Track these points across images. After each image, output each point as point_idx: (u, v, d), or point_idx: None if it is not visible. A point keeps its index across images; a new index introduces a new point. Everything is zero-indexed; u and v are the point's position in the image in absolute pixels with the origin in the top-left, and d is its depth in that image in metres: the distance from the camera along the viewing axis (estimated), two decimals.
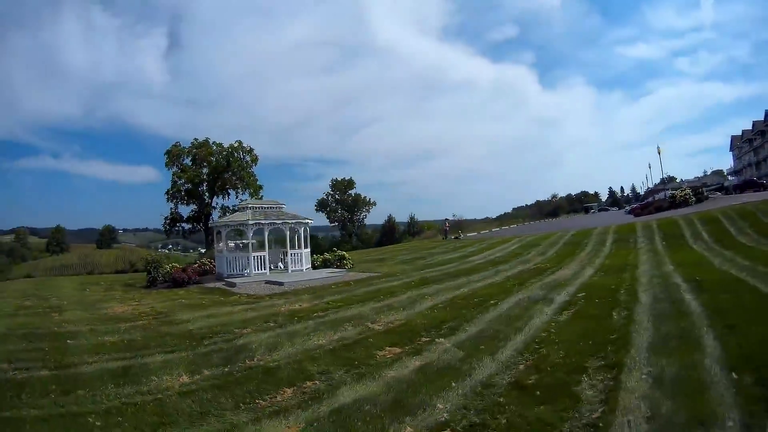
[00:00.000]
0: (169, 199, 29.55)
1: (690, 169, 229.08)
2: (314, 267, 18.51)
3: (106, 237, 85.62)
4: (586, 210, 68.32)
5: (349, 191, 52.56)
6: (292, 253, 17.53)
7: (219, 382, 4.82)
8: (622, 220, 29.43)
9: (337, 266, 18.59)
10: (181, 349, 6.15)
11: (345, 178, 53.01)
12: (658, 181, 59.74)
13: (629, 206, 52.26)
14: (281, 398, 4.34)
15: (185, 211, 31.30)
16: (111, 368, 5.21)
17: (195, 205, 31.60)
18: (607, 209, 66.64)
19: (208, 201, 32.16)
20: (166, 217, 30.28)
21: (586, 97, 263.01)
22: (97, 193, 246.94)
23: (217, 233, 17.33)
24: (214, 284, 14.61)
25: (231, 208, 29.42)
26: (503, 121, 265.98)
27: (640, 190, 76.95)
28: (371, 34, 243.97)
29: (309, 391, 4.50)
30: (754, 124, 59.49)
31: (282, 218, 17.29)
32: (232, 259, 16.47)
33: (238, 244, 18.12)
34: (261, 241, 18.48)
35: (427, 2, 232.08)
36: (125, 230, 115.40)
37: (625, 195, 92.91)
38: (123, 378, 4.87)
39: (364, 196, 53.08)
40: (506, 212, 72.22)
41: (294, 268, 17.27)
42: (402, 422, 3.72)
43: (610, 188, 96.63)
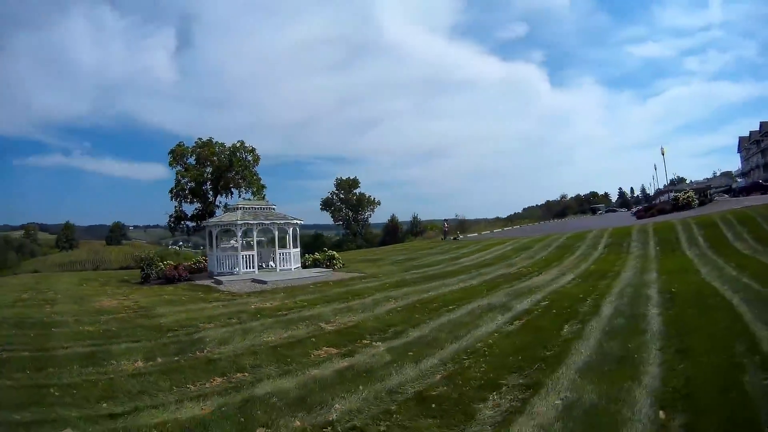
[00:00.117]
0: (173, 198, 31.10)
1: (700, 170, 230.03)
2: (305, 266, 19.69)
3: (115, 233, 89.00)
4: (594, 211, 68.66)
5: (354, 190, 53.86)
6: (281, 253, 18.75)
7: (165, 369, 5.98)
8: (624, 223, 29.63)
9: (326, 266, 19.71)
10: (146, 339, 7.37)
11: (350, 178, 54.41)
12: (668, 182, 60.21)
13: (636, 208, 52.60)
14: (209, 385, 5.44)
15: (190, 209, 32.77)
16: (81, 352, 6.45)
17: (199, 204, 33.04)
18: (615, 210, 66.68)
19: (212, 200, 33.57)
20: (170, 215, 31.87)
21: (596, 97, 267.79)
22: (108, 190, 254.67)
23: (209, 232, 18.63)
24: (204, 282, 15.88)
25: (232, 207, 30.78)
26: (513, 119, 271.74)
27: (650, 191, 76.89)
28: (379, 32, 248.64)
29: (235, 382, 5.56)
30: (761, 124, 58.91)
31: (270, 218, 18.49)
32: (223, 257, 17.75)
33: (234, 244, 19.38)
34: (261, 241, 19.77)
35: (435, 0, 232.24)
36: (136, 227, 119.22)
37: (635, 196, 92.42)
38: (88, 360, 6.10)
39: (369, 196, 54.40)
40: (516, 212, 74.11)
41: (282, 268, 18.47)
42: (295, 416, 4.37)
43: (620, 189, 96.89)
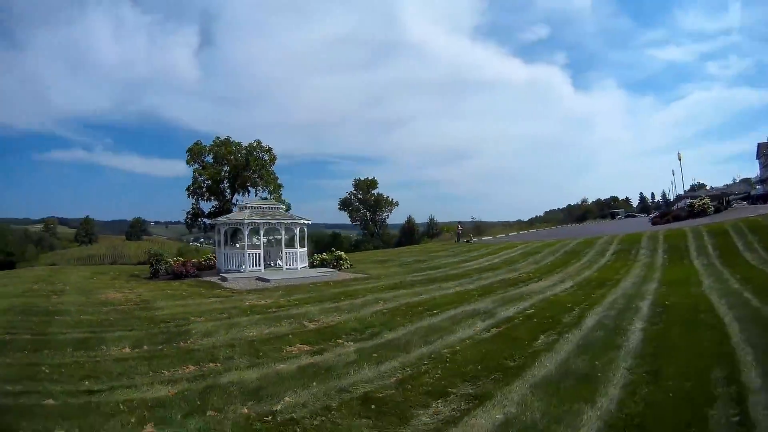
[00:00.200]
0: (190, 195, 32.52)
1: (721, 176, 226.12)
2: (313, 266, 20.50)
3: (136, 229, 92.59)
4: (613, 216, 69.13)
5: (372, 191, 54.90)
6: (287, 252, 19.61)
7: (148, 355, 6.77)
8: (638, 228, 29.64)
9: (333, 266, 20.47)
10: (139, 329, 8.22)
11: (368, 178, 55.61)
12: (689, 188, 59.41)
13: (653, 214, 52.72)
14: (181, 372, 6.17)
15: (207, 206, 34.18)
16: (77, 338, 7.34)
17: (216, 202, 34.41)
18: (635, 216, 67.00)
19: (229, 198, 34.89)
20: (188, 212, 33.36)
21: (619, 100, 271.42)
22: (129, 186, 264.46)
23: (217, 231, 19.64)
24: (210, 278, 16.86)
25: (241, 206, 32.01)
26: (536, 121, 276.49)
27: (670, 197, 76.25)
28: (403, 32, 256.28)
29: (205, 370, 6.24)
30: None
31: (278, 218, 19.36)
32: (231, 255, 18.71)
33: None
34: (271, 240, 20.69)
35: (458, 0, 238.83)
36: (157, 223, 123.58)
37: (656, 201, 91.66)
38: (81, 345, 6.97)
39: (387, 196, 55.44)
40: (538, 215, 75.39)
41: (289, 267, 19.31)
42: (245, 404, 4.86)
43: (641, 194, 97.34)
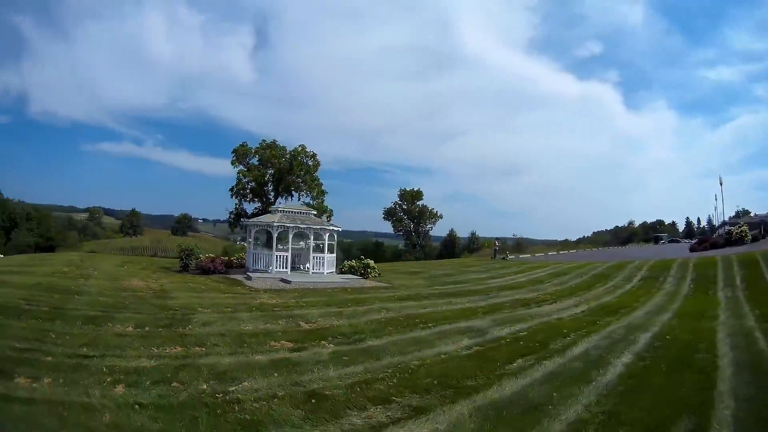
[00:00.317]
0: (234, 196, 34.88)
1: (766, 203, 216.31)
2: (341, 272, 21.39)
3: (182, 224, 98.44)
4: (656, 240, 69.51)
5: (417, 202, 56.21)
6: (315, 257, 20.61)
7: (146, 335, 7.82)
8: (676, 255, 29.37)
9: (360, 274, 21.21)
10: (147, 313, 9.37)
11: (413, 189, 57.10)
12: (733, 213, 58.71)
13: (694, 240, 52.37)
14: (168, 351, 7.13)
15: (250, 208, 36.37)
16: (89, 315, 8.58)
17: (259, 203, 36.50)
18: (678, 241, 66.50)
19: (272, 200, 36.89)
20: (231, 212, 35.72)
21: (668, 121, 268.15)
22: (178, 182, 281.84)
23: (248, 232, 21.04)
24: (236, 276, 18.13)
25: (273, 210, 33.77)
26: (588, 140, 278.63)
27: (715, 222, 74.07)
28: (458, 43, 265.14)
29: (189, 353, 7.18)
30: None
31: (306, 223, 20.43)
32: (259, 256, 19.99)
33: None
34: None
35: (512, 12, 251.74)
36: (205, 220, 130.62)
37: (701, 226, 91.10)
38: (91, 320, 8.18)
39: (431, 209, 56.77)
40: (586, 236, 75.40)
41: (315, 271, 20.29)
42: (207, 382, 5.75)
43: (687, 218, 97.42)
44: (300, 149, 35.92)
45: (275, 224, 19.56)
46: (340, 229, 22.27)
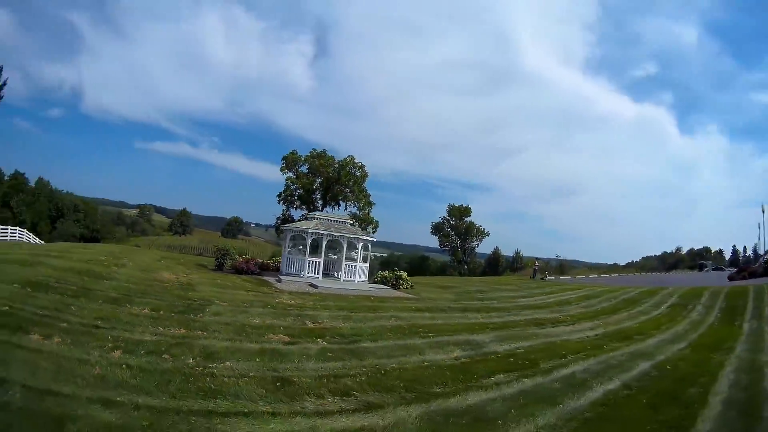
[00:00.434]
0: (281, 201, 36.85)
1: None
2: (374, 282, 22.17)
3: (232, 227, 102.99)
4: (701, 267, 69.68)
5: (465, 218, 57.00)
6: (347, 265, 21.54)
7: (157, 317, 9.00)
8: (715, 283, 29.39)
9: (391, 285, 21.84)
10: (166, 300, 10.61)
11: (462, 205, 58.26)
12: None
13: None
14: (172, 331, 8.23)
15: (297, 214, 38.20)
16: (111, 296, 9.93)
17: (306, 210, 38.23)
18: (722, 269, 65.62)
19: (320, 209, 38.52)
20: (278, 217, 37.69)
21: (720, 145, 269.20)
22: (233, 185, 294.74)
23: (284, 236, 22.38)
24: (268, 278, 19.37)
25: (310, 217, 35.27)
26: (641, 162, 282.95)
27: (761, 251, 73.53)
28: (516, 59, 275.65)
29: (191, 335, 8.25)
30: None
31: (341, 231, 21.42)
32: (293, 260, 21.23)
33: (308, 250, 22.65)
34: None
35: (570, 30, 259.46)
36: (258, 224, 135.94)
37: (746, 255, 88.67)
38: (112, 301, 9.52)
39: (479, 225, 57.69)
40: (635, 260, 76.14)
41: (346, 279, 21.19)
42: (195, 358, 6.84)
43: (733, 246, 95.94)
44: (348, 160, 37.32)
45: (310, 230, 20.71)
46: (374, 239, 23.10)
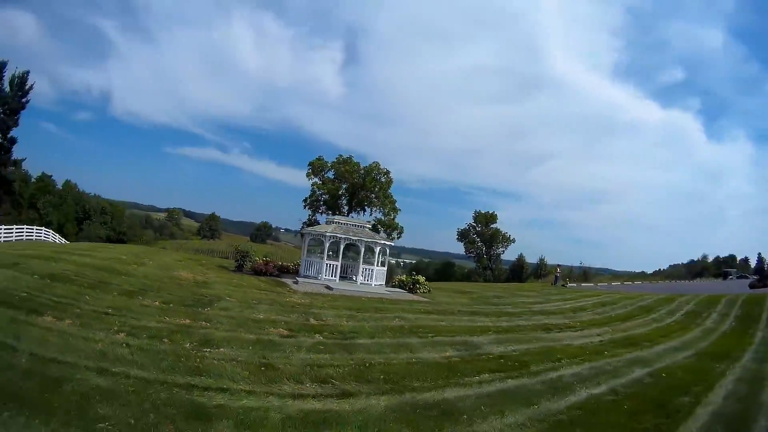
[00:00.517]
0: (307, 207, 37.92)
1: None
2: (392, 286, 22.72)
3: (261, 232, 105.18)
4: (725, 275, 69.50)
5: (491, 225, 57.29)
6: (364, 268, 22.17)
7: (166, 309, 9.86)
8: (736, 291, 29.29)
9: (408, 289, 22.33)
10: (177, 295, 11.52)
11: (488, 212, 58.58)
12: None
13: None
14: (177, 321, 9.07)
15: (322, 220, 39.20)
16: (126, 290, 10.88)
17: (332, 216, 39.26)
18: (747, 277, 64.89)
19: (346, 214, 39.43)
20: (304, 222, 38.76)
21: (746, 151, 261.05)
22: (262, 190, 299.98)
23: (303, 240, 23.23)
24: (285, 279, 20.21)
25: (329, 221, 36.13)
26: (669, 169, 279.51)
27: None
28: (544, 65, 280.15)
29: (194, 325, 9.03)
30: None
31: (359, 236, 22.09)
32: (311, 263, 22.05)
33: (326, 253, 23.48)
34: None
35: (597, 36, 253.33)
36: (287, 230, 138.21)
37: None
38: (126, 293, 10.47)
39: (504, 232, 57.96)
40: (662, 268, 75.69)
41: (363, 282, 21.82)
42: (192, 344, 7.57)
43: (759, 254, 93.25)
44: (374, 166, 38.11)
45: (327, 234, 21.48)
46: (393, 244, 23.70)
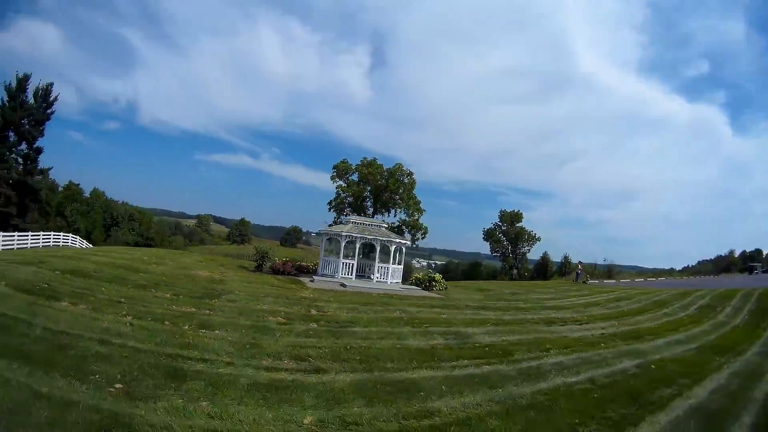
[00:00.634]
0: (332, 209, 39.23)
1: None
2: (411, 284, 23.51)
3: (291, 236, 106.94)
4: (750, 270, 67.68)
5: (516, 224, 57.41)
6: (381, 267, 23.03)
7: (175, 300, 11.09)
8: (753, 285, 28.48)
9: (424, 287, 23.07)
10: (189, 288, 12.75)
11: (513, 211, 58.81)
12: None
13: None
14: (182, 309, 10.24)
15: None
16: (141, 284, 12.20)
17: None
18: None
19: (371, 216, 40.49)
20: (329, 225, 40.06)
21: None
22: (293, 195, 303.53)
23: (321, 240, 24.33)
24: (302, 278, 21.31)
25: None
26: (697, 165, 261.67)
27: None
28: (571, 64, 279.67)
29: (198, 312, 10.18)
30: None
31: (374, 235, 22.97)
32: (328, 262, 23.10)
33: (343, 252, 24.51)
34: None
35: (620, 32, 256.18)
36: (318, 234, 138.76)
37: None
38: (141, 287, 11.80)
39: (530, 231, 58.05)
40: (690, 264, 75.37)
41: (379, 280, 22.67)
42: (191, 326, 8.76)
43: None
44: (396, 167, 39.03)
45: (344, 234, 22.47)
46: (408, 242, 24.47)
